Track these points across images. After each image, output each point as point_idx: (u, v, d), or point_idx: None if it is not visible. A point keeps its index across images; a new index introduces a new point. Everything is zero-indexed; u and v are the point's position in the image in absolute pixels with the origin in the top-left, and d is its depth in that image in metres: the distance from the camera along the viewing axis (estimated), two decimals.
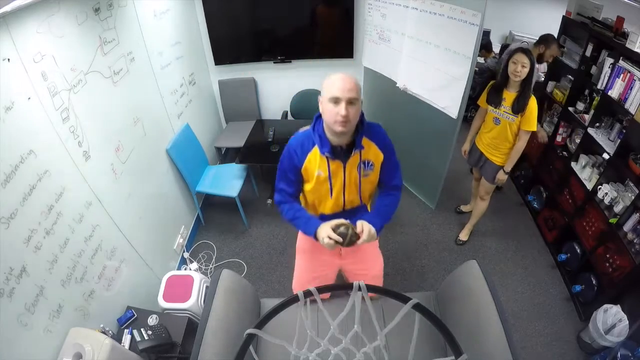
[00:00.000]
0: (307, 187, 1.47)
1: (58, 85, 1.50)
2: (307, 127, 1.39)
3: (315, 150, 1.35)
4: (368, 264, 1.75)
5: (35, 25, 1.38)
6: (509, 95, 2.23)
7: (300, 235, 1.72)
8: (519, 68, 2.11)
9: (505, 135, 2.32)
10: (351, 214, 1.50)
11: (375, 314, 0.88)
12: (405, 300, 0.82)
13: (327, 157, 1.34)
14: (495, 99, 2.30)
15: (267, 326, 0.86)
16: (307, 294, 0.82)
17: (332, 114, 1.23)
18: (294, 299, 0.81)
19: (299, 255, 1.77)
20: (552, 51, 2.75)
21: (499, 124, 2.33)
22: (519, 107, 2.19)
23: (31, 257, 1.33)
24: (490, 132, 2.40)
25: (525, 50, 2.11)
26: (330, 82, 1.23)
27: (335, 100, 1.21)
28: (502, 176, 2.44)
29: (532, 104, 2.17)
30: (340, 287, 0.83)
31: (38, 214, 1.38)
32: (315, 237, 1.35)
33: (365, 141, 1.36)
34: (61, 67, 1.52)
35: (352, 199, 1.49)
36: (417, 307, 0.82)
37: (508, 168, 2.41)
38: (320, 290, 0.82)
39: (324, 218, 1.46)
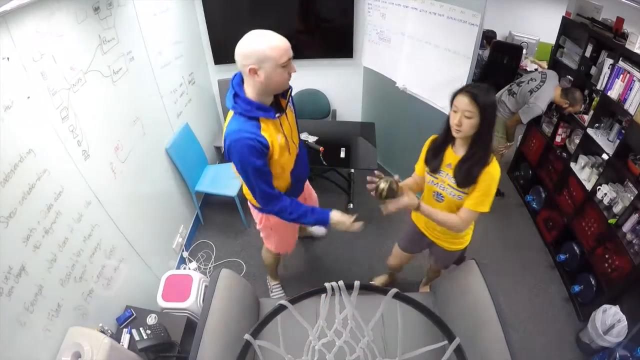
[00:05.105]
0: (276, 159, 1.48)
1: (57, 84, 1.50)
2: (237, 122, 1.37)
3: (265, 124, 1.37)
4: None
5: (34, 24, 1.38)
6: (454, 158, 1.45)
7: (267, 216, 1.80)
8: (457, 120, 1.31)
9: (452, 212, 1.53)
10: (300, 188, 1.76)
11: (357, 311, 0.91)
12: (385, 292, 0.84)
13: (278, 118, 1.41)
14: (433, 161, 1.51)
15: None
16: (295, 300, 0.84)
17: (284, 76, 1.30)
18: (279, 308, 0.83)
19: (275, 227, 1.85)
20: (574, 109, 2.54)
21: (443, 201, 1.54)
22: (463, 179, 1.40)
23: (30, 256, 1.33)
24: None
25: (472, 92, 1.27)
26: (275, 48, 1.23)
27: (287, 63, 1.28)
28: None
29: (491, 173, 1.37)
30: (316, 292, 0.85)
31: (37, 213, 1.37)
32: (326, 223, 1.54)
33: None
34: (60, 66, 1.52)
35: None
36: (398, 296, 0.86)
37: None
38: (294, 300, 0.83)
39: None
